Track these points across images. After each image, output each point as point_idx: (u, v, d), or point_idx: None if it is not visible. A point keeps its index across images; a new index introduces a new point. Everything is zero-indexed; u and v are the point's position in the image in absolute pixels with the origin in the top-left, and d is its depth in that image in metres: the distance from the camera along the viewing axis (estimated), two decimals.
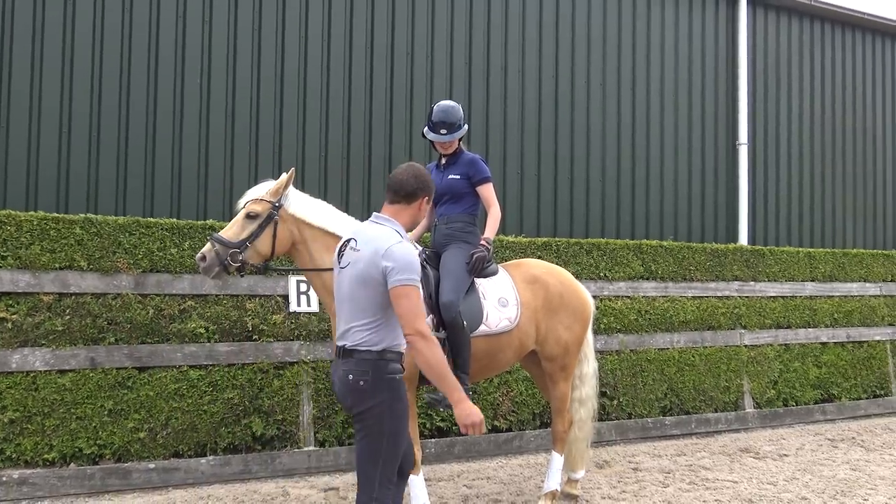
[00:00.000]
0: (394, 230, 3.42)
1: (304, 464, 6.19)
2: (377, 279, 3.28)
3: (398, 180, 3.49)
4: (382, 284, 3.27)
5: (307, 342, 6.45)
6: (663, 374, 7.98)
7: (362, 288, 3.32)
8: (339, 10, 8.56)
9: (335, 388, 3.44)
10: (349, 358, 3.34)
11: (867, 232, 12.38)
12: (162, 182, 7.73)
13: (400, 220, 3.51)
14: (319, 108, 8.43)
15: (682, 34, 10.79)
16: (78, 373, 5.68)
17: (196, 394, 5.99)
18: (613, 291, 7.92)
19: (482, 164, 5.25)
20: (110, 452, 5.71)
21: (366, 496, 3.31)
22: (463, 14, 9.22)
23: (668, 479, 6.21)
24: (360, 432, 3.33)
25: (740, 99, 11.01)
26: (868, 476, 6.40)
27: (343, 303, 3.41)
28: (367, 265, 3.30)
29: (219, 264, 4.43)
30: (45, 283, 5.69)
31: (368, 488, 3.31)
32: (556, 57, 9.81)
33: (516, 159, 9.47)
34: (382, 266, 3.26)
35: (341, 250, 3.48)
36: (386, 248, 3.28)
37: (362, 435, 3.32)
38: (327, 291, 4.77)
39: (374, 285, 3.29)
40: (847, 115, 12.24)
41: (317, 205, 4.80)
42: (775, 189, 11.48)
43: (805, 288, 9.29)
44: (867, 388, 9.45)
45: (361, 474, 3.34)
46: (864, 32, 12.50)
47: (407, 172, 3.53)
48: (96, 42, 7.54)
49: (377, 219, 3.50)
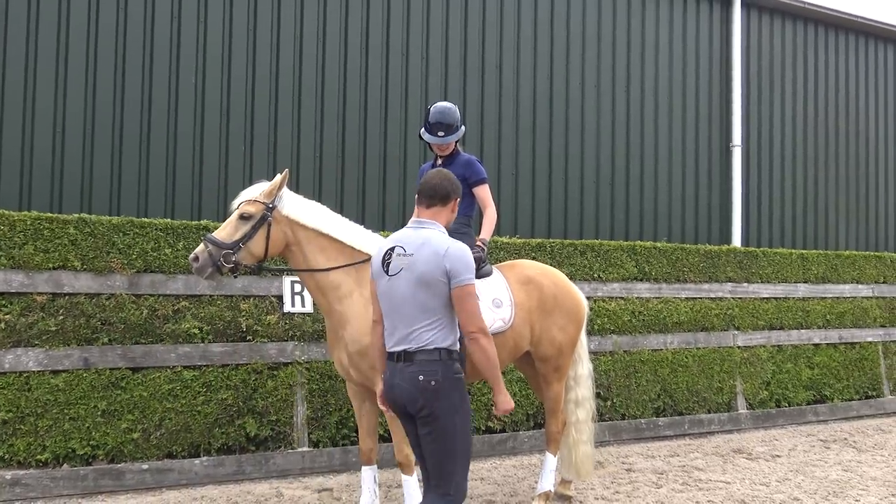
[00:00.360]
0: (440, 231, 3.56)
1: (297, 464, 6.19)
2: (440, 280, 3.41)
3: (433, 185, 3.63)
4: (446, 284, 3.41)
5: (301, 343, 6.45)
6: (657, 375, 8.01)
7: (425, 289, 3.42)
8: (335, 8, 8.55)
9: (395, 392, 3.48)
10: (415, 360, 3.43)
11: (860, 234, 12.44)
12: (156, 181, 7.72)
13: (440, 222, 3.64)
14: (314, 107, 8.42)
15: (677, 35, 10.82)
16: (71, 373, 5.67)
17: (190, 394, 5.97)
18: (607, 292, 7.94)
19: (478, 166, 5.25)
20: (104, 453, 5.69)
21: (442, 490, 3.43)
22: (458, 12, 9.23)
23: (662, 479, 6.23)
24: (432, 433, 3.42)
25: (734, 101, 11.05)
26: (860, 477, 6.43)
27: (400, 308, 3.48)
28: (428, 266, 3.42)
29: (212, 265, 4.42)
30: (38, 283, 5.67)
31: (445, 485, 3.43)
32: (552, 56, 9.83)
33: (511, 158, 9.48)
34: (445, 267, 3.40)
35: (385, 260, 3.54)
36: (445, 248, 3.43)
37: (435, 435, 3.41)
38: (321, 292, 4.78)
39: (437, 286, 3.42)
40: (840, 118, 12.29)
41: (311, 206, 4.80)
42: (769, 191, 11.53)
43: (798, 289, 9.33)
44: (859, 390, 9.50)
45: (435, 472, 3.45)
46: (858, 35, 12.56)
47: (439, 177, 3.67)
48: (90, 40, 7.52)
49: (420, 223, 3.60)
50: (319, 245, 4.73)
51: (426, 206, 3.63)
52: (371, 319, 3.92)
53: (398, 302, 3.49)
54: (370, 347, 3.91)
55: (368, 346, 4.66)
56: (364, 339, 4.67)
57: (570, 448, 5.52)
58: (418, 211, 3.67)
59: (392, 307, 3.51)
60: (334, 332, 4.87)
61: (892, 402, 9.68)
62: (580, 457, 5.53)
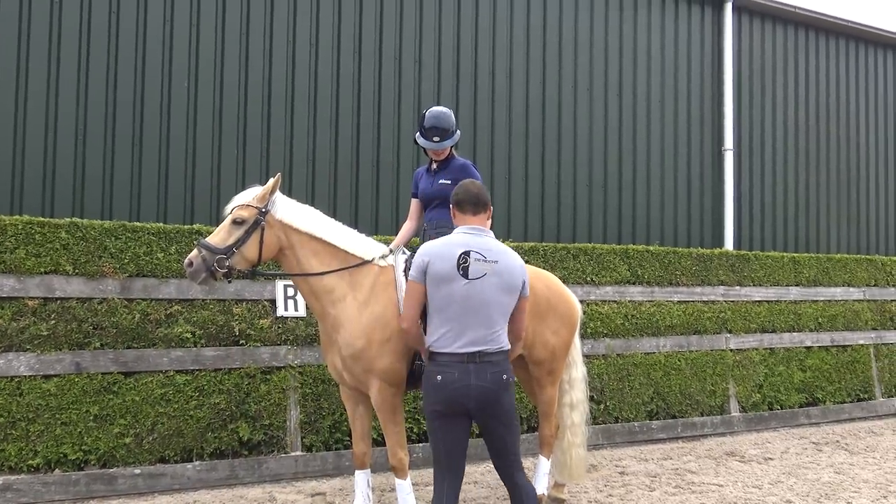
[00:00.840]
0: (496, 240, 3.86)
1: (291, 469, 6.18)
2: (518, 289, 3.79)
3: (476, 193, 3.87)
4: (518, 293, 3.81)
5: (294, 347, 6.44)
6: (650, 379, 8.02)
7: (506, 295, 3.73)
8: (327, 13, 8.56)
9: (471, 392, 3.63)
10: (495, 360, 3.68)
11: (851, 237, 12.50)
12: (149, 185, 7.71)
13: (488, 228, 3.90)
14: (307, 112, 8.43)
15: (669, 40, 10.87)
16: (63, 378, 5.64)
17: (182, 399, 5.96)
18: (600, 296, 7.96)
19: (473, 170, 5.25)
20: (95, 458, 5.67)
21: (521, 471, 3.84)
22: (451, 17, 9.25)
23: (655, 482, 6.24)
24: (508, 425, 3.75)
25: (726, 105, 11.10)
26: (852, 479, 6.45)
27: (479, 310, 3.67)
28: (513, 275, 3.75)
29: (205, 270, 4.42)
30: (30, 288, 5.65)
31: (520, 465, 3.85)
32: (544, 61, 9.86)
33: (504, 162, 9.50)
34: (523, 279, 3.81)
35: (462, 263, 3.68)
36: (521, 262, 3.83)
37: (510, 426, 3.76)
38: (315, 296, 4.78)
39: (514, 293, 3.78)
40: (831, 122, 12.36)
41: (304, 210, 4.81)
42: (760, 194, 11.58)
43: (790, 292, 9.37)
44: (851, 392, 9.53)
45: (514, 457, 3.82)
46: (849, 40, 12.64)
47: (476, 186, 3.91)
48: (83, 44, 7.51)
49: (479, 231, 3.82)
50: (313, 249, 4.74)
51: (472, 213, 3.86)
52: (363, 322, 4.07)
53: (477, 304, 3.66)
54: (413, 339, 3.99)
55: (362, 350, 4.67)
56: (357, 343, 4.67)
57: (564, 451, 5.52)
58: (463, 218, 3.87)
59: (467, 309, 3.66)
60: (328, 336, 4.87)
61: (884, 404, 9.72)
62: (574, 460, 5.53)
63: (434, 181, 5.23)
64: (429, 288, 3.70)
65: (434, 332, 3.72)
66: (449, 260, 3.68)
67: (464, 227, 3.83)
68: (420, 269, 3.72)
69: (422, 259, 3.72)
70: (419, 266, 3.73)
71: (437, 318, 3.70)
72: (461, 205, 3.87)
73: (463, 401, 3.62)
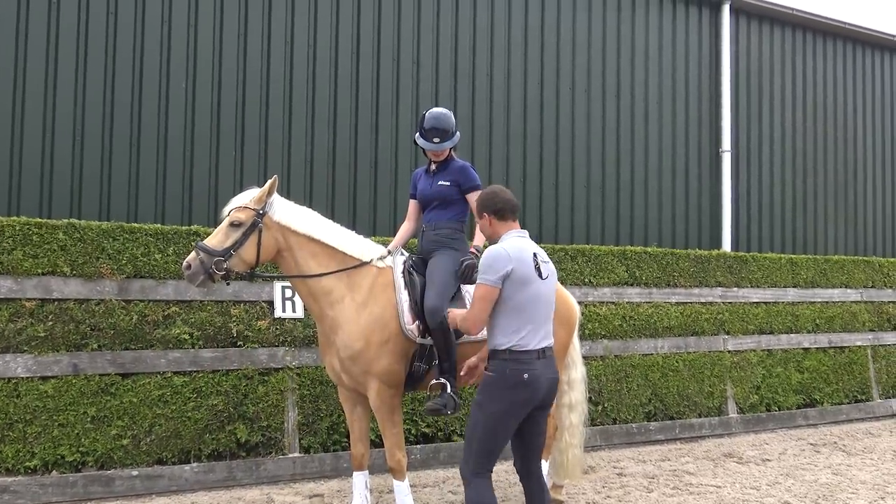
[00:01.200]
0: None
1: (288, 470, 6.17)
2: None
3: (512, 199, 4.08)
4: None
5: (292, 348, 6.43)
6: (647, 380, 8.02)
7: (553, 293, 4.04)
8: (325, 14, 8.55)
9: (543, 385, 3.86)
10: (551, 353, 3.95)
11: (848, 238, 12.52)
12: (146, 186, 7.70)
13: None
14: (305, 113, 8.42)
15: (666, 41, 10.88)
16: (60, 379, 5.63)
17: (180, 400, 5.95)
18: (598, 297, 7.96)
19: (472, 172, 5.25)
20: (93, 460, 5.66)
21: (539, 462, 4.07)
22: (449, 18, 9.25)
23: (653, 484, 6.24)
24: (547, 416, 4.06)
25: (723, 106, 11.11)
26: (849, 480, 6.46)
27: (546, 309, 3.95)
28: (555, 275, 4.07)
29: (204, 272, 4.43)
30: (27, 289, 5.63)
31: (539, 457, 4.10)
32: (542, 62, 9.86)
33: (502, 164, 9.50)
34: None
35: (535, 265, 3.91)
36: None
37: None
38: (313, 298, 4.78)
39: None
40: (828, 123, 12.38)
41: (301, 212, 4.81)
42: (758, 196, 11.59)
43: (787, 294, 9.38)
44: (849, 393, 9.54)
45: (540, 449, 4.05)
46: (846, 42, 12.66)
47: (508, 192, 4.12)
48: (80, 44, 7.49)
49: (525, 235, 4.06)
50: (311, 251, 4.74)
51: (513, 219, 4.09)
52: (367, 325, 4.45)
53: (545, 303, 3.93)
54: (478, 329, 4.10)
55: (360, 351, 4.67)
56: (356, 345, 4.67)
57: (562, 452, 5.51)
58: (506, 224, 4.05)
59: (538, 308, 3.90)
60: (326, 338, 4.87)
61: (882, 405, 9.74)
62: (571, 461, 5.52)
63: (433, 182, 5.22)
64: (509, 291, 3.82)
65: (513, 332, 3.82)
66: (528, 263, 3.87)
67: (515, 232, 4.04)
68: (502, 276, 3.80)
69: (504, 266, 3.80)
70: (502, 273, 3.80)
71: (517, 318, 3.83)
72: (502, 212, 4.03)
73: (540, 394, 3.85)
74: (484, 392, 3.85)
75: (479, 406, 3.83)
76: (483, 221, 4.12)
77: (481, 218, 4.12)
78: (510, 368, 3.79)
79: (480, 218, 4.14)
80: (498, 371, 3.82)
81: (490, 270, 3.82)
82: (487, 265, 3.84)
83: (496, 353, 3.86)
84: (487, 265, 3.84)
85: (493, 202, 4.05)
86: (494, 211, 4.04)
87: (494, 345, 3.88)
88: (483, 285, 3.83)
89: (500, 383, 3.81)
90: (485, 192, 4.14)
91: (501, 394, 3.79)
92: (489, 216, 4.07)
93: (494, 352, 3.88)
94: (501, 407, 3.79)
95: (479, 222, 4.17)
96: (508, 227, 4.06)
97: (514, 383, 3.78)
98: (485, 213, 4.08)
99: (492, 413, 3.79)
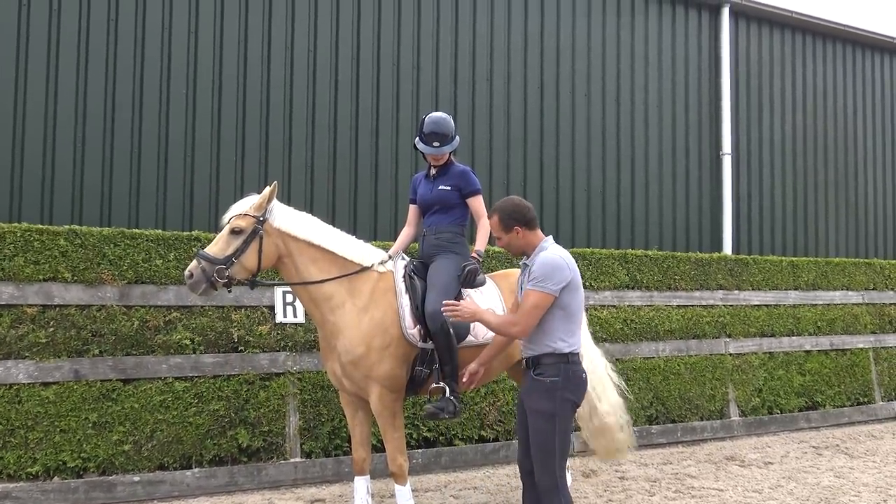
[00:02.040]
0: None
1: (290, 475, 6.17)
2: None
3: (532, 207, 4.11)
4: None
5: (293, 353, 6.43)
6: (649, 383, 8.02)
7: None
8: (325, 19, 8.57)
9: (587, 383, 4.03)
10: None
11: (849, 241, 12.51)
12: (147, 192, 7.71)
13: None
14: (305, 118, 8.43)
15: (666, 45, 10.89)
16: (62, 385, 5.64)
17: (181, 406, 5.95)
18: (599, 301, 7.96)
19: (472, 177, 5.25)
20: (94, 465, 5.66)
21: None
22: (448, 23, 9.27)
23: (655, 487, 6.23)
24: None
25: (723, 109, 11.12)
26: (852, 483, 6.45)
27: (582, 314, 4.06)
28: None
29: (205, 281, 4.46)
30: (28, 295, 5.64)
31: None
32: (542, 67, 9.88)
33: (502, 168, 9.51)
34: None
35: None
36: None
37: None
38: (314, 304, 4.79)
39: None
40: (828, 126, 12.38)
41: (301, 218, 4.82)
42: (759, 198, 11.59)
43: (789, 296, 9.37)
44: (851, 396, 9.53)
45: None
46: (845, 44, 12.67)
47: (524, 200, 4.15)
48: (81, 51, 7.51)
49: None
50: (311, 256, 4.75)
51: (538, 226, 4.11)
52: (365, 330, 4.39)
53: (581, 308, 4.02)
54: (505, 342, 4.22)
55: (362, 356, 4.68)
56: (357, 349, 4.68)
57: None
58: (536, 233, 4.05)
59: (582, 307, 4.03)
60: (327, 343, 4.88)
61: (884, 408, 9.72)
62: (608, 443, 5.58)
63: (433, 187, 5.22)
64: (567, 298, 3.88)
65: (571, 335, 3.91)
66: (577, 270, 3.96)
67: (549, 239, 4.08)
68: (561, 284, 3.83)
69: (565, 275, 3.84)
70: (561, 280, 3.83)
71: (573, 322, 3.93)
72: (532, 221, 4.02)
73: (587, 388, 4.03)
74: (548, 399, 3.83)
75: (549, 415, 3.82)
76: (511, 235, 3.99)
77: (508, 231, 3.99)
78: (572, 371, 3.88)
79: (507, 232, 3.99)
80: (562, 374, 3.84)
81: (550, 280, 3.80)
82: (547, 274, 3.81)
83: (553, 356, 3.86)
84: (547, 274, 3.81)
85: (523, 213, 3.99)
86: (526, 222, 3.98)
87: (553, 349, 3.86)
88: (540, 293, 3.80)
89: (567, 386, 3.85)
90: (508, 207, 4.02)
91: (569, 395, 3.87)
92: (521, 228, 3.98)
93: (551, 356, 3.86)
94: (570, 408, 3.90)
95: (507, 237, 4.01)
96: (537, 237, 4.04)
97: (577, 384, 3.91)
98: (516, 226, 3.97)
99: (564, 416, 3.86)
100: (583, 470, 6.73)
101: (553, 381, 3.82)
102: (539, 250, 3.97)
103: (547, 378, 3.83)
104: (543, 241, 4.03)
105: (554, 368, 3.84)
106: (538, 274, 3.82)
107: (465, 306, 4.02)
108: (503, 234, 4.03)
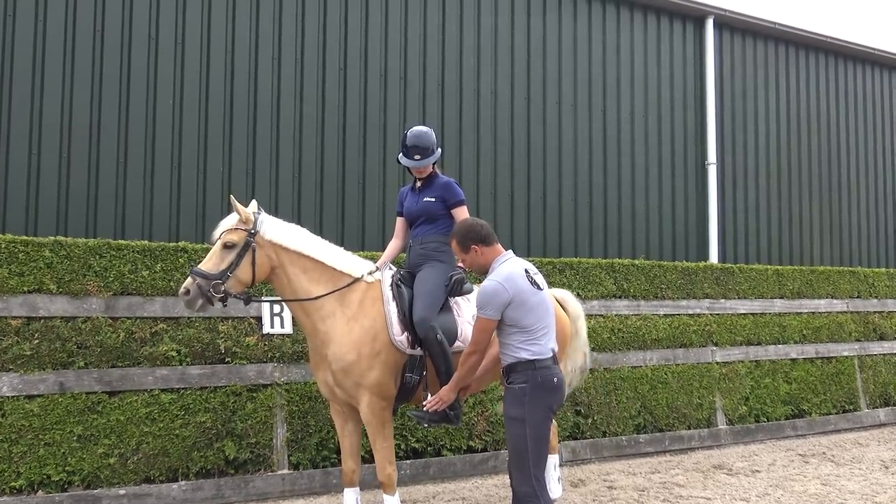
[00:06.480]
0: None
1: (277, 487, 6.13)
2: None
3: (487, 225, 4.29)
4: None
5: (281, 364, 6.41)
6: (637, 392, 8.04)
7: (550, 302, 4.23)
8: (312, 32, 8.59)
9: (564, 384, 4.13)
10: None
11: (833, 249, 12.62)
12: (133, 202, 7.67)
13: None
14: (292, 128, 8.43)
15: (651, 57, 10.98)
16: (46, 398, 5.58)
17: (168, 418, 5.91)
18: (586, 310, 7.89)
19: (456, 188, 5.32)
20: (80, 479, 5.60)
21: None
22: (435, 35, 9.31)
23: (643, 496, 6.24)
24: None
25: (708, 119, 11.22)
26: (838, 490, 6.48)
27: (551, 314, 4.14)
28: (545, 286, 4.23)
29: (202, 297, 4.50)
30: (13, 307, 5.60)
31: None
32: (528, 77, 9.93)
33: (489, 178, 9.53)
34: None
35: (529, 278, 4.10)
36: None
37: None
38: (305, 313, 4.83)
39: None
40: (812, 136, 12.51)
41: (291, 229, 4.89)
42: (744, 208, 11.68)
43: (774, 305, 9.43)
44: (836, 404, 9.59)
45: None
46: (829, 56, 12.82)
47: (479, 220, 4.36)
48: (67, 60, 7.48)
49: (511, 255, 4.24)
50: (302, 266, 4.81)
51: (496, 241, 4.25)
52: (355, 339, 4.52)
53: (547, 311, 4.11)
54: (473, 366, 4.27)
55: (352, 363, 4.69)
56: (348, 356, 4.70)
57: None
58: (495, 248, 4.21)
59: (544, 317, 4.08)
60: (317, 353, 4.88)
61: (869, 415, 9.79)
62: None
63: (419, 199, 5.29)
64: (515, 316, 3.99)
65: (532, 344, 4.00)
66: (522, 285, 4.03)
67: (501, 257, 4.19)
68: (499, 307, 3.98)
69: (502, 300, 3.97)
70: (499, 304, 3.97)
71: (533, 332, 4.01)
72: (488, 237, 4.19)
73: (563, 395, 4.13)
74: (518, 405, 3.96)
75: (520, 421, 3.93)
76: (471, 255, 4.21)
77: (468, 252, 4.21)
78: (541, 376, 3.96)
79: (467, 253, 4.21)
80: (529, 381, 3.95)
81: (488, 307, 3.99)
82: (485, 302, 4.00)
83: (518, 365, 3.99)
84: (485, 302, 4.00)
85: (477, 231, 4.19)
86: (481, 238, 4.18)
87: (518, 358, 4.00)
88: (483, 319, 4.03)
89: (536, 391, 3.94)
90: (462, 230, 4.25)
91: (539, 400, 3.94)
92: (478, 247, 4.18)
93: (518, 364, 4.00)
94: (542, 413, 3.95)
95: (465, 258, 4.26)
96: (495, 251, 4.21)
97: (548, 388, 3.97)
98: (472, 245, 4.18)
99: (535, 422, 3.93)
100: (571, 480, 6.73)
101: (521, 387, 3.96)
102: (495, 266, 4.16)
103: (517, 385, 3.99)
104: (502, 255, 4.20)
105: (522, 375, 3.98)
106: (478, 302, 4.05)
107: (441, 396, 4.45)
108: (464, 255, 4.25)
